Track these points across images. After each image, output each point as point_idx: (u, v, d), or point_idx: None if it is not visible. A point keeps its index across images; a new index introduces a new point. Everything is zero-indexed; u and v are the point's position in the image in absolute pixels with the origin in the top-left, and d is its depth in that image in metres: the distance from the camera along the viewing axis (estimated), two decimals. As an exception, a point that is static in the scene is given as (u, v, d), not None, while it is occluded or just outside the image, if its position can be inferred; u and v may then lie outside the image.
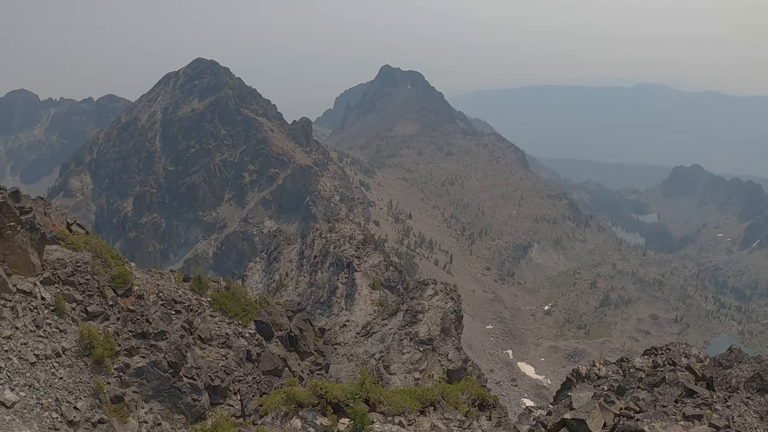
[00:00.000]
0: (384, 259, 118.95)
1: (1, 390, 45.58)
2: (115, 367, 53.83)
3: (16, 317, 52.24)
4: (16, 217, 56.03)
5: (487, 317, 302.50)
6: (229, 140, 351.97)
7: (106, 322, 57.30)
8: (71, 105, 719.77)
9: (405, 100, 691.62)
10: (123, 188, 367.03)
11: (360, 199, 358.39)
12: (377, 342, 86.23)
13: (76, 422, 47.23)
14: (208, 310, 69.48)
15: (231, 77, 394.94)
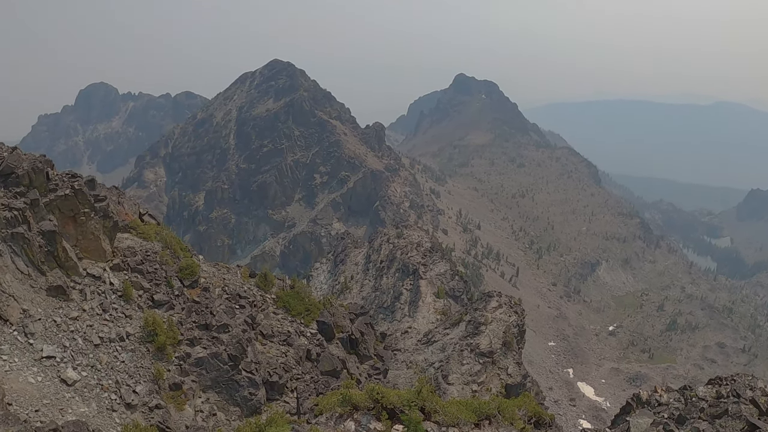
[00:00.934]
0: (450, 269, 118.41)
1: (64, 368, 47.13)
2: (176, 356, 54.96)
3: (84, 300, 53.96)
4: (91, 204, 57.91)
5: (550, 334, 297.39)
6: (302, 141, 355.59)
7: (171, 311, 58.63)
8: (149, 100, 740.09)
9: (479, 110, 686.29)
10: (195, 182, 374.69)
11: (429, 207, 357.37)
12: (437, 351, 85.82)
13: (134, 405, 48.32)
14: (271, 307, 70.27)
15: (306, 79, 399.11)
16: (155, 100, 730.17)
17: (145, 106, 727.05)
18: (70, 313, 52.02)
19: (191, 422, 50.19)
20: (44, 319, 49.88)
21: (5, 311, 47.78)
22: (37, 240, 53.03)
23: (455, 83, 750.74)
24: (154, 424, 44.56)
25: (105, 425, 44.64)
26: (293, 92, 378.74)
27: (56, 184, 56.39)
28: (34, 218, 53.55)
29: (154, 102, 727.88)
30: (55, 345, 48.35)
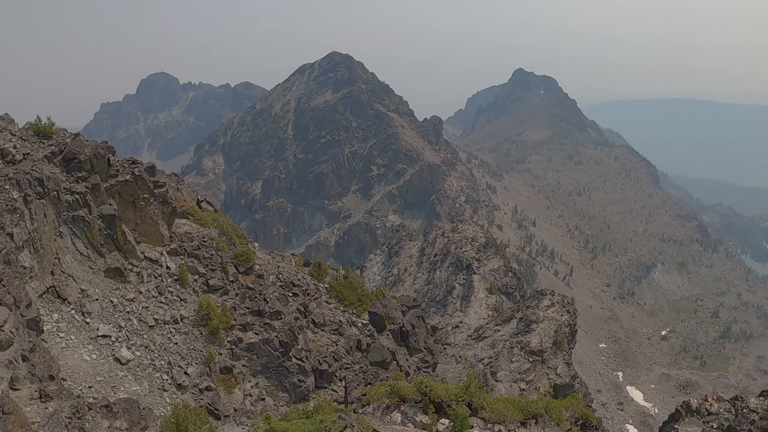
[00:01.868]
0: (504, 265, 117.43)
1: (119, 347, 48.40)
2: (229, 340, 55.83)
3: (140, 282, 55.30)
4: (150, 190, 59.23)
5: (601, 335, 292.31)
6: (360, 133, 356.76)
7: (225, 296, 59.55)
8: (209, 89, 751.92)
9: (537, 105, 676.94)
10: (253, 171, 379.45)
11: (485, 202, 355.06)
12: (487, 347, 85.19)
13: (185, 386, 49.34)
14: (324, 296, 70.75)
15: (365, 72, 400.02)
16: (215, 90, 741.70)
17: (205, 95, 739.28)
18: (127, 295, 53.35)
19: (240, 405, 50.97)
20: (101, 299, 51.22)
21: (64, 290, 49.22)
22: (97, 223, 54.44)
23: (514, 78, 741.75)
24: (204, 406, 45.36)
25: (155, 404, 45.65)
26: (351, 84, 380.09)
27: (117, 170, 57.78)
28: (95, 202, 54.99)
29: (214, 92, 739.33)
30: (110, 325, 49.65)
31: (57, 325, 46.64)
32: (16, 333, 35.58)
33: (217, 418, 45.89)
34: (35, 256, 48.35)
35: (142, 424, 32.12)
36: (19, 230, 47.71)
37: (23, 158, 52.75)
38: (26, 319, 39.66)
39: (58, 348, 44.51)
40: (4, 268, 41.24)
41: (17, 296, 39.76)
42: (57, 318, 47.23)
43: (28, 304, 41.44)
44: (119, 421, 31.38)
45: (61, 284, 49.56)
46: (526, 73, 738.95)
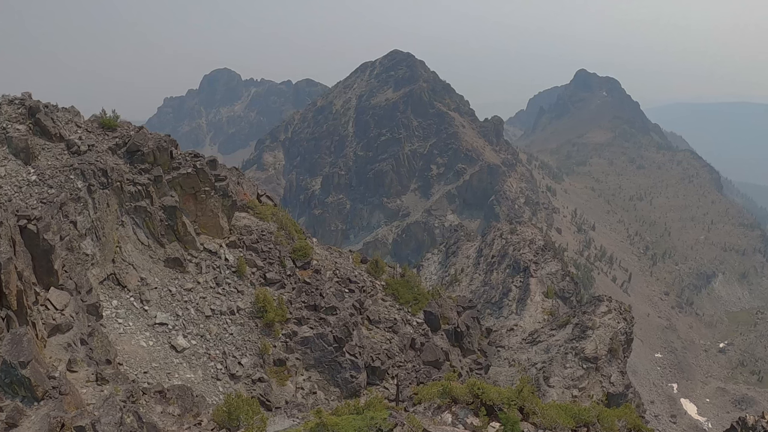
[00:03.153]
0: (561, 269, 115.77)
1: (175, 335, 49.36)
2: (283, 333, 56.35)
3: (199, 273, 56.30)
4: (211, 183, 60.32)
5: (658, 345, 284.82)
6: (420, 132, 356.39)
7: (282, 290, 60.12)
8: (271, 86, 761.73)
9: (599, 107, 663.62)
10: (313, 167, 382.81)
11: (545, 204, 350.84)
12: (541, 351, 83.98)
13: (238, 376, 50.04)
14: (380, 294, 70.82)
15: (426, 70, 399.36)
16: (276, 87, 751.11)
17: (267, 91, 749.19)
18: (185, 285, 54.38)
19: (291, 398, 51.38)
20: (160, 288, 52.31)
21: (124, 278, 50.42)
22: (159, 214, 55.65)
23: (576, 79, 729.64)
24: (256, 396, 45.85)
25: (208, 392, 46.38)
26: (413, 83, 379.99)
27: (179, 163, 59.00)
28: (157, 194, 56.23)
29: (276, 88, 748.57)
30: (168, 313, 50.67)
31: (116, 311, 47.81)
32: (76, 317, 36.57)
33: (269, 410, 46.27)
34: (97, 244, 49.62)
35: (194, 411, 32.63)
36: (82, 218, 49.04)
37: (88, 149, 54.23)
38: (86, 304, 40.72)
39: (116, 333, 45.60)
40: (67, 254, 42.41)
41: (78, 282, 40.86)
42: (116, 304, 48.41)
43: (89, 290, 42.55)
44: (172, 407, 31.94)
45: (121, 272, 50.80)
46: (589, 74, 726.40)
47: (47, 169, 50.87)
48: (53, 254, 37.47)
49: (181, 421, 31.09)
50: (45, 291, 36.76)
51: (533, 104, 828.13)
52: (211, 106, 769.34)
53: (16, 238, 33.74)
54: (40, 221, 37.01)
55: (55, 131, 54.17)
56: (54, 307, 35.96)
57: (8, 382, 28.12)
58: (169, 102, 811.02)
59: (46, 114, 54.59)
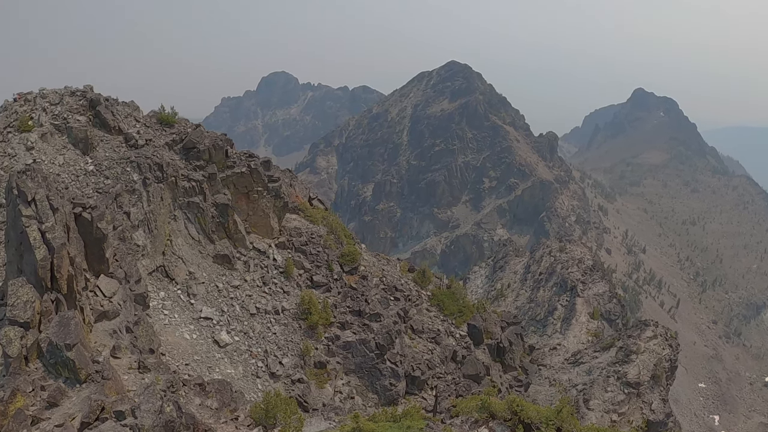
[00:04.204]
0: (609, 290, 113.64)
1: (219, 330, 49.99)
2: (326, 336, 56.63)
3: (247, 271, 56.95)
4: (264, 184, 61.14)
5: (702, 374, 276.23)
6: (474, 144, 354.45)
7: (328, 293, 60.43)
8: (327, 91, 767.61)
9: (655, 127, 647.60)
10: (366, 174, 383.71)
11: (596, 224, 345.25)
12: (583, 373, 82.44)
13: (278, 375, 50.39)
14: (425, 304, 70.62)
15: (483, 83, 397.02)
16: (333, 92, 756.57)
17: (323, 96, 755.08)
18: (232, 282, 55.10)
19: (329, 401, 51.48)
20: (207, 283, 53.10)
21: (173, 271, 51.31)
22: (211, 211, 56.56)
23: (633, 98, 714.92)
24: (294, 397, 46.11)
25: (248, 389, 46.79)
26: (469, 94, 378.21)
27: (234, 162, 59.96)
28: (210, 191, 57.20)
29: (332, 93, 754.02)
30: (213, 308, 51.36)
31: (162, 302, 48.67)
32: (123, 305, 37.32)
33: (306, 411, 46.48)
34: (149, 236, 50.64)
35: (232, 405, 32.92)
36: (136, 210, 50.12)
37: (145, 143, 55.53)
38: (134, 293, 41.53)
39: (161, 324, 46.39)
40: (118, 244, 43.32)
41: (128, 271, 41.71)
42: (163, 296, 49.28)
43: (138, 279, 43.40)
44: (211, 400, 32.29)
45: (170, 265, 51.73)
46: (647, 93, 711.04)
47: (104, 160, 52.20)
48: (105, 243, 38.33)
49: (218, 415, 31.41)
50: (95, 278, 37.61)
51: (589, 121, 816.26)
52: (268, 108, 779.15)
53: (70, 225, 34.60)
54: (95, 210, 37.89)
55: (114, 124, 55.59)
56: (102, 294, 36.77)
57: (53, 362, 28.85)
58: (227, 102, 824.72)
59: (106, 107, 56.09)
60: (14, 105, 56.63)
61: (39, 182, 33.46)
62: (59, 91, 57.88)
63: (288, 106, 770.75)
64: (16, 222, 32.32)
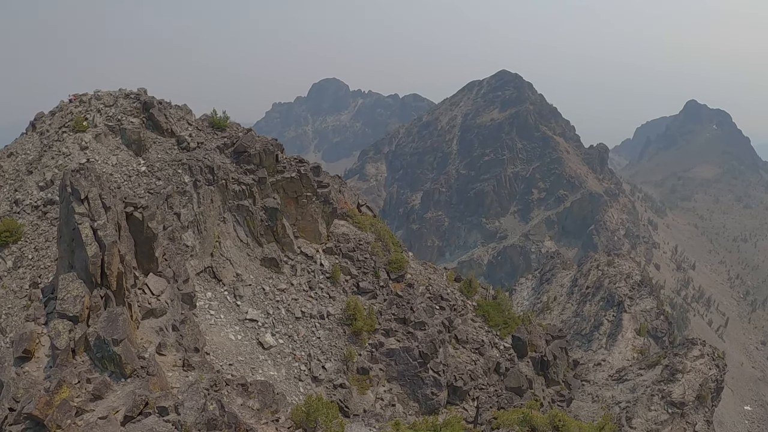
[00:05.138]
0: (656, 306, 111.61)
1: (263, 333, 50.48)
2: (370, 343, 56.71)
3: (294, 275, 57.42)
4: (314, 189, 61.63)
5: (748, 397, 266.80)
6: (524, 154, 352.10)
7: (373, 300, 60.54)
8: (378, 98, 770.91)
9: (708, 141, 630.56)
10: (414, 182, 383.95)
11: (645, 238, 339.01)
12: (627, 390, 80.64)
13: (320, 379, 50.62)
14: (470, 314, 70.29)
15: (533, 92, 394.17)
16: (383, 99, 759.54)
17: (374, 104, 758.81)
18: (279, 285, 55.62)
19: (370, 407, 51.49)
20: (254, 285, 53.69)
21: (220, 272, 52.02)
22: (260, 214, 57.24)
23: (686, 110, 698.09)
24: (335, 401, 46.09)
25: (290, 391, 47.08)
26: (519, 104, 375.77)
27: (284, 167, 60.65)
28: (260, 194, 57.91)
29: (382, 101, 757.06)
30: (259, 310, 51.90)
31: (209, 302, 49.36)
32: (171, 304, 37.91)
33: (346, 416, 46.52)
34: (198, 237, 51.45)
35: (273, 407, 33.05)
36: (186, 211, 51.01)
37: (197, 146, 56.56)
38: (182, 293, 42.17)
39: (207, 324, 47.03)
40: (168, 243, 44.11)
41: (177, 271, 42.38)
42: (210, 296, 49.98)
43: (186, 279, 44.07)
44: (252, 400, 32.49)
45: (218, 266, 52.45)
46: (699, 105, 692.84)
47: (157, 161, 53.32)
48: (155, 242, 39.01)
49: (259, 416, 31.60)
50: (144, 276, 38.30)
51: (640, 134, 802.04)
52: (318, 114, 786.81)
53: (122, 223, 35.31)
54: (146, 210, 38.59)
55: (167, 127, 56.75)
56: (151, 292, 37.42)
57: (99, 356, 29.47)
58: (278, 107, 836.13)
59: (159, 110, 57.32)
60: (69, 106, 58.35)
61: (92, 181, 34.24)
62: (113, 93, 59.36)
63: (338, 112, 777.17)
64: (68, 219, 33.12)
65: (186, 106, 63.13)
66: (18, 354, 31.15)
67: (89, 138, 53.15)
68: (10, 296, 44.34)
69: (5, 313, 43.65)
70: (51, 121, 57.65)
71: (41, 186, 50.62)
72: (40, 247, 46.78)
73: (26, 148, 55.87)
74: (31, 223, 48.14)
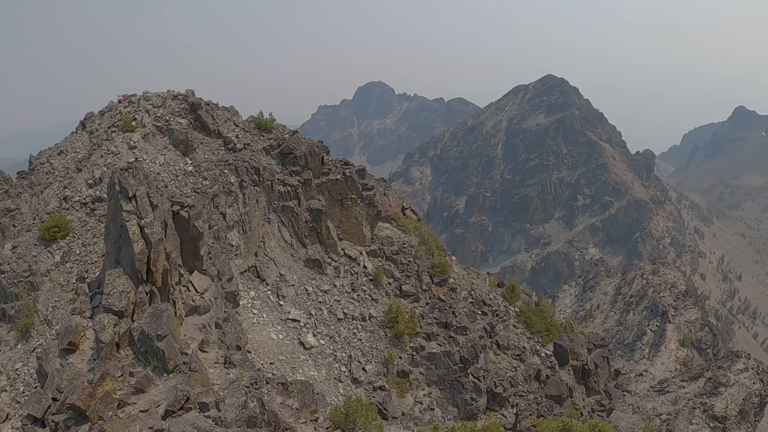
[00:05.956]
0: (701, 317, 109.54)
1: (305, 333, 50.85)
2: (411, 346, 56.65)
3: (337, 276, 57.73)
4: (359, 192, 61.88)
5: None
6: (569, 160, 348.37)
7: (416, 303, 60.47)
8: (423, 102, 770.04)
9: (757, 148, 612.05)
10: (459, 186, 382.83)
11: (691, 247, 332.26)
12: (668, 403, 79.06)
13: (360, 381, 50.81)
14: (512, 320, 69.80)
15: (579, 97, 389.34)
16: (429, 103, 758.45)
17: (419, 107, 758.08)
18: (322, 286, 55.99)
19: (409, 410, 51.49)
20: (297, 286, 54.14)
21: (264, 272, 52.58)
22: (304, 216, 57.71)
23: (734, 116, 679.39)
24: (374, 403, 46.24)
25: (329, 392, 47.33)
26: (565, 109, 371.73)
27: (329, 169, 61.04)
28: (305, 196, 58.40)
29: (428, 104, 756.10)
30: (301, 311, 52.31)
31: (252, 302, 49.95)
32: (214, 302, 38.48)
33: (385, 418, 46.62)
34: (243, 237, 52.12)
35: (312, 407, 33.31)
36: (231, 211, 51.71)
37: (243, 147, 57.30)
38: (226, 291, 42.76)
39: (249, 323, 47.57)
40: (213, 242, 44.75)
41: (221, 270, 42.98)
42: (253, 295, 50.57)
43: (230, 278, 44.67)
44: (292, 399, 32.79)
45: (262, 266, 53.04)
46: (748, 111, 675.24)
47: (203, 161, 54.15)
48: (201, 241, 39.64)
49: (298, 415, 31.87)
50: (189, 274, 38.95)
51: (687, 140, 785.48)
52: (363, 117, 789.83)
53: (168, 221, 35.98)
54: (192, 209, 39.25)
55: (214, 128, 57.61)
56: (195, 290, 38.05)
57: (143, 351, 30.08)
58: (323, 110, 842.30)
59: (206, 111, 58.22)
60: (119, 106, 59.72)
61: (140, 180, 34.98)
62: (162, 94, 60.53)
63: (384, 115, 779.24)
64: (116, 216, 33.87)
65: (233, 108, 64.02)
66: (63, 346, 32.13)
67: (138, 138, 54.26)
68: (57, 290, 45.47)
69: (52, 305, 44.80)
70: (100, 120, 59.11)
71: (90, 183, 51.83)
72: (87, 243, 47.88)
73: (76, 147, 57.44)
74: (80, 220, 49.30)
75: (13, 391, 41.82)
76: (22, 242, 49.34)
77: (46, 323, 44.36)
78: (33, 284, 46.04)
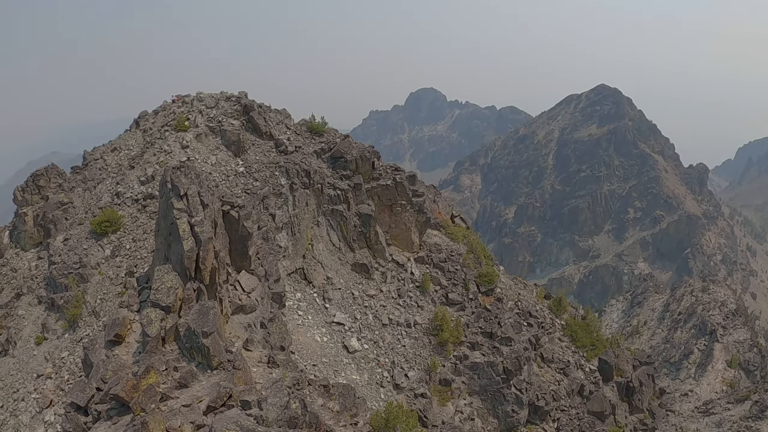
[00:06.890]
0: (751, 338, 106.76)
1: (349, 337, 51.07)
2: (455, 354, 56.45)
3: (383, 282, 57.86)
4: (408, 198, 61.97)
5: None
6: (621, 172, 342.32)
7: (461, 312, 60.27)
8: (474, 109, 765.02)
9: None
10: (509, 195, 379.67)
11: (742, 265, 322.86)
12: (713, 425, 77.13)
13: (401, 387, 50.78)
14: (558, 333, 69.12)
15: (632, 108, 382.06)
16: (480, 111, 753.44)
17: (470, 115, 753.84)
18: (368, 291, 56.19)
19: (449, 419, 51.26)
20: (343, 289, 54.44)
21: (311, 274, 52.99)
22: (353, 220, 58.02)
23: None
24: (415, 410, 46.12)
25: (370, 396, 47.39)
26: (617, 120, 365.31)
27: (380, 174, 61.30)
28: (354, 200, 58.73)
29: (479, 112, 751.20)
30: (347, 314, 52.57)
31: (298, 303, 50.36)
32: (261, 302, 38.88)
33: (425, 426, 46.54)
34: (291, 239, 52.63)
35: (353, 411, 33.37)
36: (281, 213, 52.28)
37: (295, 150, 57.93)
38: (272, 292, 43.21)
39: (294, 324, 47.95)
40: (262, 243, 45.26)
41: (269, 270, 43.45)
42: (299, 297, 50.97)
43: (277, 279, 45.12)
44: (333, 402, 32.91)
45: (309, 268, 53.46)
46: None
47: (254, 163, 54.91)
48: (249, 241, 40.13)
49: (338, 418, 31.96)
50: (236, 273, 39.47)
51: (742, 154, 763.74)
52: (415, 123, 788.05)
53: (218, 221, 36.54)
54: (242, 209, 39.78)
55: (266, 130, 58.38)
56: (242, 289, 38.53)
57: (188, 347, 30.55)
58: (375, 115, 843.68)
59: (259, 113, 59.05)
60: (172, 106, 60.98)
61: (192, 179, 35.60)
62: (215, 96, 61.62)
63: (435, 122, 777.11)
64: (167, 213, 34.54)
65: (285, 111, 64.75)
66: (109, 337, 32.92)
67: (190, 137, 55.31)
68: (106, 282, 46.59)
69: (100, 298, 45.92)
70: (154, 119, 60.46)
71: (142, 180, 53.01)
72: (137, 239, 48.96)
73: (129, 144, 58.85)
74: (131, 215, 50.45)
75: (58, 379, 43.02)
76: (73, 235, 50.69)
77: (93, 315, 45.46)
78: (83, 276, 47.29)
